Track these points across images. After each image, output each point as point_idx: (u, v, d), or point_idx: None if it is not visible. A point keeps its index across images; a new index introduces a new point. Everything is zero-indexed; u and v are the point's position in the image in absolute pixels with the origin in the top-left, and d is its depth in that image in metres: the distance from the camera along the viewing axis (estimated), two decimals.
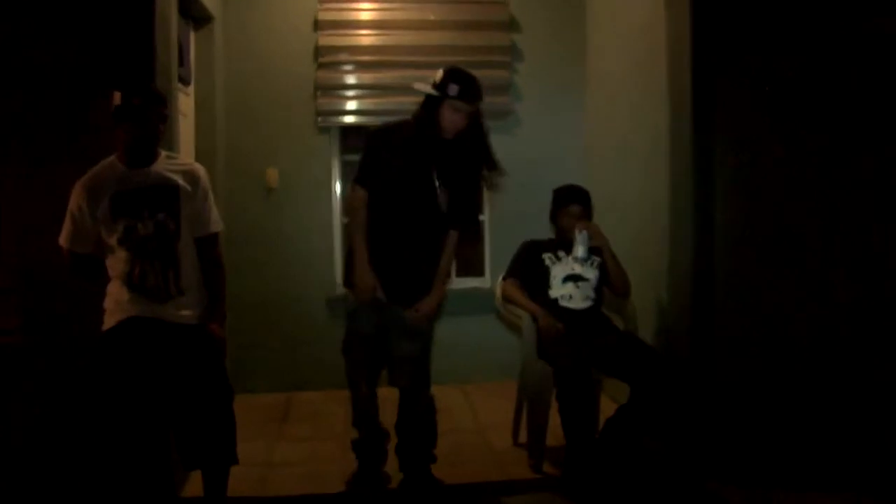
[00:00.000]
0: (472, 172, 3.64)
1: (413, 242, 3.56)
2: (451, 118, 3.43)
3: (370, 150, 3.59)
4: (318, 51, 5.39)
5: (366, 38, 5.39)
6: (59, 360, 3.52)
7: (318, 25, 5.39)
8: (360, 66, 5.39)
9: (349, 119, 5.50)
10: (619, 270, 4.08)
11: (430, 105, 3.45)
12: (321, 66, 5.38)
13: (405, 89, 5.32)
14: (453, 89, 3.39)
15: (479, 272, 5.80)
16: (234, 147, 5.36)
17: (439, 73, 3.47)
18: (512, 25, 5.58)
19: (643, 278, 4.33)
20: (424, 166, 3.51)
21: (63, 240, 3.19)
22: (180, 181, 3.19)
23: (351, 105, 5.47)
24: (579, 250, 3.96)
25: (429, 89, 3.45)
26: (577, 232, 3.97)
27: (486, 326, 5.43)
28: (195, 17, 4.89)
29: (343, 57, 5.37)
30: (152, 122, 3.10)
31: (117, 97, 3.07)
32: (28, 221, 3.50)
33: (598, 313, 4.09)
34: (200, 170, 3.31)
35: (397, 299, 3.58)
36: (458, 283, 5.66)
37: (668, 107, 4.08)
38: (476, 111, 3.49)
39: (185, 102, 4.77)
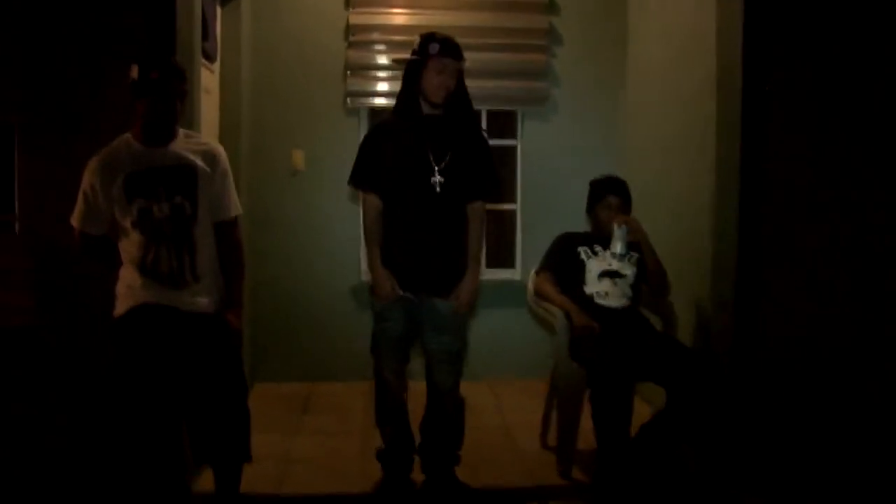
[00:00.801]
0: (473, 137, 3.47)
1: (427, 227, 3.38)
2: (438, 79, 3.29)
3: (365, 149, 3.46)
4: (350, 29, 5.20)
5: (399, 16, 5.20)
6: (72, 343, 3.41)
7: (349, 3, 5.21)
8: (393, 46, 5.17)
9: (379, 101, 5.30)
10: (658, 267, 3.86)
11: (411, 75, 3.35)
12: (352, 44, 5.20)
13: None
14: (434, 48, 3.28)
15: (510, 264, 5.60)
16: (259, 127, 5.22)
17: (416, 41, 3.37)
18: (550, 7, 5.37)
19: (683, 276, 4.11)
20: (417, 143, 3.36)
21: (75, 220, 3.06)
22: (199, 162, 3.04)
23: (382, 86, 5.28)
24: (617, 246, 3.75)
25: (409, 59, 3.37)
26: (615, 226, 3.75)
27: (517, 321, 5.25)
28: None
29: (375, 36, 5.19)
30: (170, 98, 2.95)
31: (135, 70, 2.91)
32: (44, 199, 3.38)
33: (635, 313, 3.87)
34: (220, 151, 3.16)
35: (429, 290, 3.40)
36: (488, 275, 5.46)
37: (716, 96, 3.84)
38: (461, 73, 3.37)
39: (210, 79, 4.59)
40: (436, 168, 3.34)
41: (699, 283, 4.04)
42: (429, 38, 3.34)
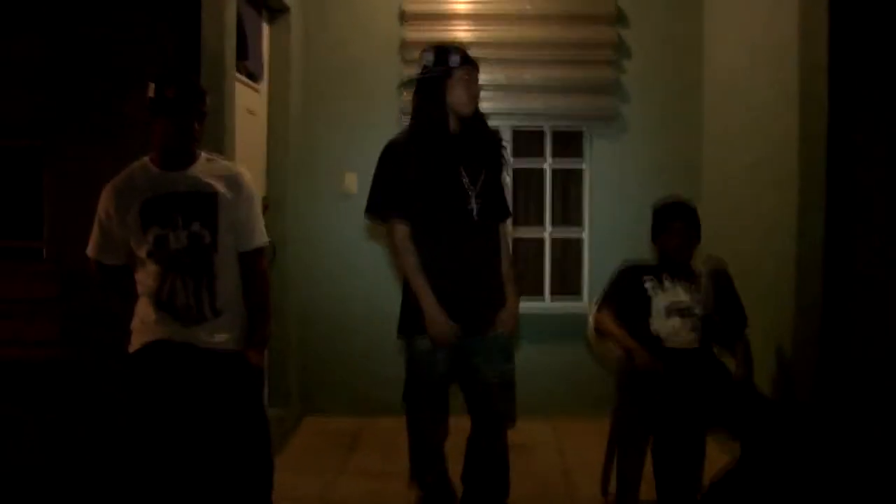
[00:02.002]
0: (498, 154, 3.22)
1: (469, 257, 3.08)
2: (466, 91, 3.05)
3: (388, 173, 3.12)
4: (404, 45, 4.94)
5: (456, 32, 4.93)
6: (98, 378, 3.23)
7: (404, 18, 4.98)
8: None
9: None
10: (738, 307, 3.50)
11: (431, 91, 3.06)
12: (407, 62, 4.94)
13: (499, 88, 4.91)
14: (455, 59, 3.04)
15: (576, 294, 5.22)
16: (309, 148, 5.03)
17: (428, 55, 3.09)
18: (619, 18, 5.02)
19: (762, 312, 3.69)
20: (450, 166, 3.07)
21: (90, 249, 2.89)
22: (220, 187, 2.83)
23: None
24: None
25: (427, 73, 3.09)
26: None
27: (582, 354, 4.85)
28: (269, 7, 4.53)
29: None
30: (188, 119, 2.73)
31: (151, 88, 2.72)
32: (68, 227, 3.22)
33: (706, 354, 3.47)
34: (245, 175, 2.93)
35: (478, 323, 3.10)
36: (552, 306, 5.14)
37: (799, 110, 3.44)
38: (478, 79, 3.14)
39: (255, 99, 4.42)
40: (472, 192, 3.07)
41: (780, 319, 3.61)
42: (444, 50, 3.10)
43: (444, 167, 3.06)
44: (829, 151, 3.20)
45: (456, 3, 4.97)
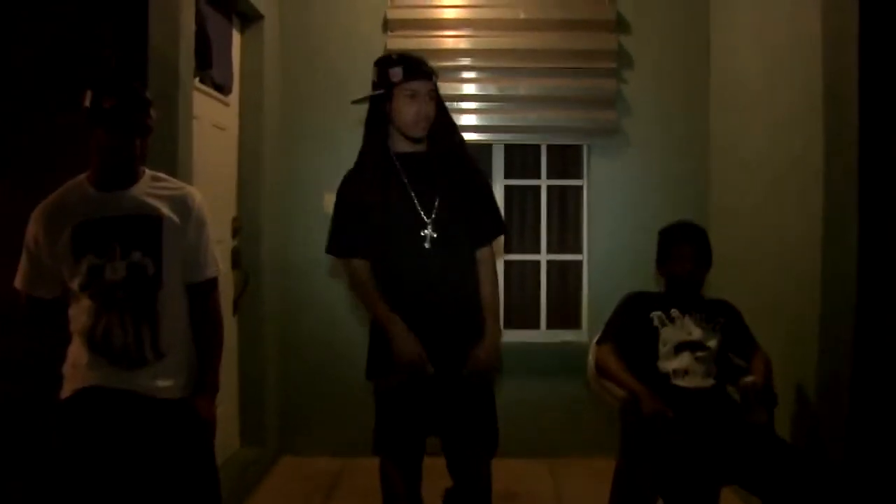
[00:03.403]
0: (464, 171, 2.87)
1: (426, 290, 2.76)
2: (411, 108, 2.73)
3: (342, 209, 2.86)
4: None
5: (443, 40, 4.56)
6: (21, 429, 2.83)
7: (388, 26, 4.61)
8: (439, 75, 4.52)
9: None
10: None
11: (375, 113, 2.82)
12: None
13: (491, 100, 4.56)
14: (396, 73, 2.72)
15: (574, 324, 4.84)
16: (286, 166, 4.67)
17: (374, 70, 2.82)
18: (619, 25, 4.64)
19: (782, 350, 3.31)
20: (398, 193, 2.77)
21: (18, 280, 2.55)
22: (165, 210, 2.49)
23: None
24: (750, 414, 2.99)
25: (368, 93, 2.84)
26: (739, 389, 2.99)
27: (581, 389, 4.45)
28: (241, 14, 4.18)
29: None
30: (128, 133, 2.37)
31: (87, 97, 2.38)
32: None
33: (721, 395, 3.09)
34: (195, 196, 2.58)
35: (446, 362, 2.77)
36: (549, 337, 4.77)
37: (823, 119, 3.09)
38: (437, 93, 2.80)
39: (224, 114, 4.06)
40: (425, 218, 2.75)
41: (804, 358, 3.23)
42: (386, 62, 2.79)
43: (391, 197, 2.76)
44: (861, 164, 2.84)
45: (443, 9, 4.59)
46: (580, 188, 4.82)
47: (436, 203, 2.76)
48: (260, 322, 4.37)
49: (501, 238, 3.17)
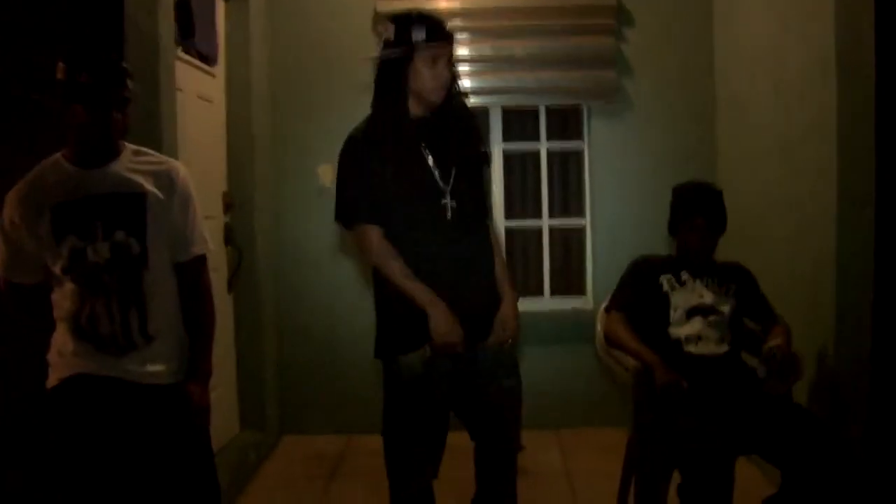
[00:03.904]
0: (474, 136, 2.73)
1: (452, 263, 2.58)
2: (434, 72, 2.54)
3: (351, 173, 2.62)
4: (379, 19, 4.41)
5: (435, 0, 4.39)
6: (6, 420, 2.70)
7: None
8: None
9: None
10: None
11: (391, 73, 2.57)
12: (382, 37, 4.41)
13: (486, 62, 4.41)
14: (420, 34, 2.50)
15: (579, 290, 4.72)
16: (278, 138, 4.53)
17: (389, 28, 2.59)
18: None
19: (799, 321, 3.19)
20: (416, 160, 2.58)
21: None
22: (149, 186, 2.36)
23: None
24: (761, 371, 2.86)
25: (384, 53, 2.59)
26: (761, 359, 2.86)
27: (589, 358, 4.36)
28: None
29: None
30: (105, 106, 2.23)
31: (60, 70, 2.23)
32: None
33: (735, 361, 2.98)
34: (179, 169, 2.46)
35: (473, 336, 2.60)
36: (553, 304, 4.64)
37: (838, 81, 2.93)
38: (452, 56, 2.62)
39: (210, 85, 3.93)
40: (445, 188, 2.59)
41: (822, 323, 3.12)
42: (406, 20, 2.56)
43: (409, 164, 2.57)
44: (878, 129, 2.69)
45: None
46: (581, 151, 4.68)
47: (453, 172, 2.60)
48: (255, 300, 4.26)
49: None
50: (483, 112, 4.58)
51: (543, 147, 4.68)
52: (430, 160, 2.59)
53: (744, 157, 4.14)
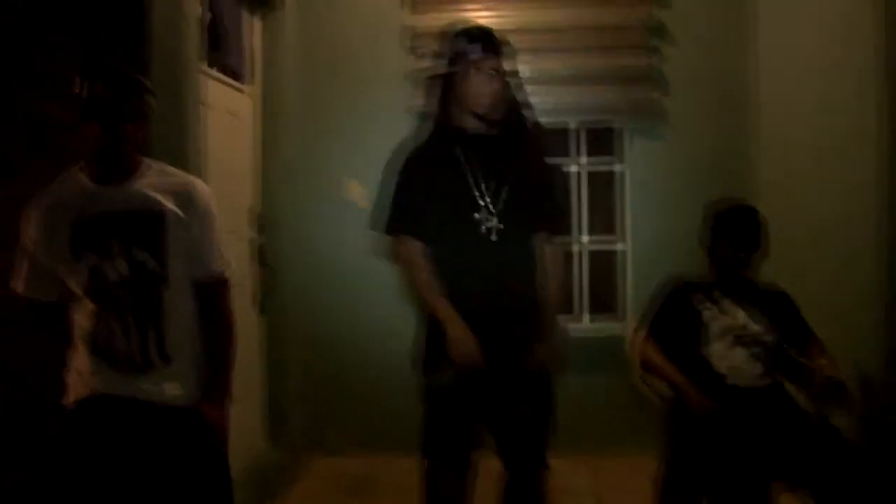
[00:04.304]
0: (535, 157, 2.68)
1: (488, 285, 2.57)
2: (485, 87, 2.54)
3: (401, 186, 2.66)
4: (411, 36, 4.41)
5: (469, 18, 4.30)
6: (25, 440, 2.67)
7: (410, 5, 4.44)
8: None
9: None
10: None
11: (443, 88, 2.60)
12: (414, 54, 4.39)
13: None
14: (471, 48, 2.53)
15: (616, 314, 4.60)
16: (308, 155, 4.51)
17: (440, 43, 2.65)
18: None
19: (841, 338, 3.05)
20: (460, 177, 2.57)
21: (16, 283, 2.36)
22: (168, 203, 2.31)
23: None
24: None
25: (435, 68, 2.65)
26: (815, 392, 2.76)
27: (623, 383, 4.25)
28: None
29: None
30: (120, 121, 2.18)
31: (77, 83, 2.19)
32: None
33: (778, 392, 2.85)
34: (200, 187, 2.40)
35: (502, 362, 2.59)
36: (589, 327, 4.52)
37: (887, 95, 2.81)
38: (506, 71, 2.60)
39: (240, 101, 3.91)
40: (489, 207, 2.55)
41: (864, 347, 2.98)
42: (460, 35, 2.61)
43: (454, 181, 2.57)
44: None
45: None
46: (618, 171, 4.59)
47: (503, 191, 2.56)
48: (285, 319, 4.23)
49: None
50: None
51: (580, 166, 4.58)
52: (478, 178, 2.56)
53: (785, 177, 4.05)
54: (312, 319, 4.51)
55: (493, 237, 2.54)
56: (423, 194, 2.57)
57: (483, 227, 2.53)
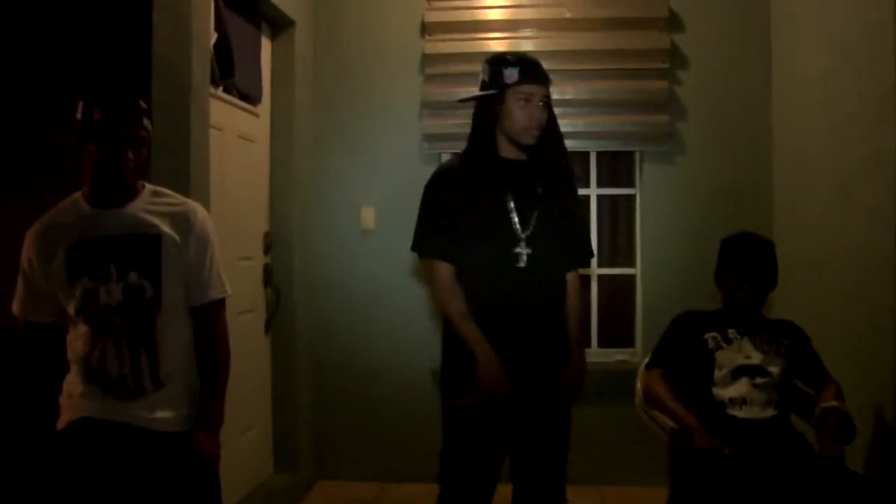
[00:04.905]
0: (567, 187, 2.67)
1: (517, 312, 2.55)
2: (524, 113, 2.52)
3: (432, 205, 2.64)
4: (426, 61, 4.37)
5: (484, 42, 4.30)
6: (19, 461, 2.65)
7: (426, 29, 4.39)
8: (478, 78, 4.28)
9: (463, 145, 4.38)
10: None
11: (485, 113, 2.59)
12: (428, 78, 4.36)
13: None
14: (511, 75, 2.51)
15: (628, 343, 4.53)
16: (320, 179, 4.48)
17: (484, 68, 2.61)
18: (672, 23, 4.33)
19: (852, 376, 2.97)
20: (496, 202, 2.56)
21: (16, 306, 2.38)
22: (164, 227, 2.31)
23: (467, 127, 4.37)
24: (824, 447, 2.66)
25: (478, 93, 2.61)
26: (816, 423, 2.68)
27: (635, 412, 4.17)
28: (271, 20, 4.01)
29: (456, 68, 4.26)
30: (118, 146, 2.18)
31: (79, 109, 2.20)
32: None
33: (784, 426, 2.77)
34: (198, 211, 2.39)
35: (525, 389, 2.56)
36: (601, 356, 4.47)
37: None
38: (549, 99, 2.58)
39: (254, 125, 3.90)
40: (521, 234, 2.55)
41: (879, 378, 2.90)
42: (500, 61, 2.57)
43: (488, 206, 2.56)
44: None
45: (484, 10, 4.36)
46: (632, 197, 4.52)
47: (534, 218, 2.56)
48: (293, 342, 4.19)
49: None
50: None
51: (594, 193, 4.52)
52: (512, 204, 2.55)
53: (801, 199, 3.92)
54: (321, 342, 4.47)
55: (522, 263, 2.53)
56: (457, 217, 2.57)
57: (513, 252, 2.53)
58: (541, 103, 2.53)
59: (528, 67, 2.54)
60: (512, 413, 2.56)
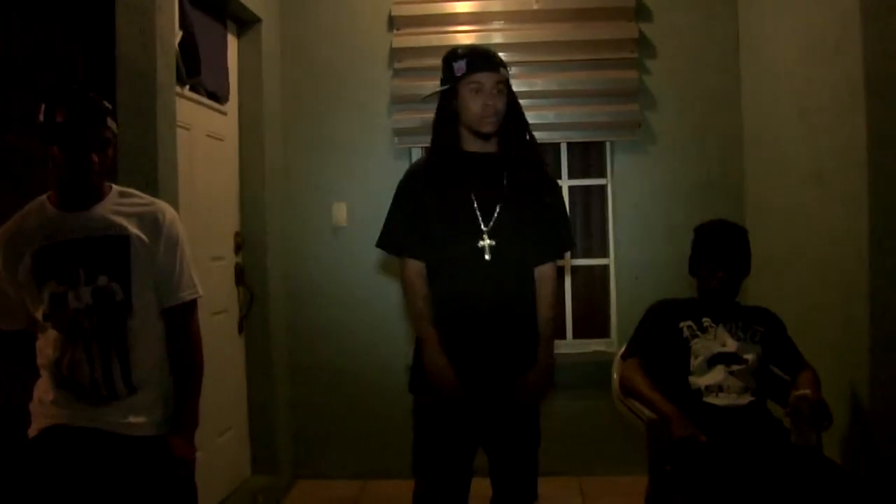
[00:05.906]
0: (534, 177, 2.63)
1: (479, 304, 2.55)
2: (477, 101, 2.53)
3: (401, 202, 2.67)
4: (394, 54, 4.34)
5: (452, 36, 4.28)
6: None
7: (393, 23, 4.35)
8: None
9: None
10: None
11: (444, 109, 2.62)
12: (397, 73, 4.34)
13: None
14: (460, 67, 2.54)
15: (603, 333, 4.54)
16: (290, 176, 4.44)
17: (442, 66, 2.64)
18: (639, 12, 4.33)
19: (830, 360, 3.00)
20: (460, 195, 2.57)
21: None
22: (133, 228, 2.28)
23: None
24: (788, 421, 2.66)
25: (435, 89, 2.67)
26: (789, 411, 2.65)
27: (612, 403, 4.18)
28: (236, 18, 3.96)
29: (425, 61, 4.20)
30: (82, 148, 2.14)
31: (41, 110, 2.16)
32: None
33: (760, 412, 2.79)
34: (167, 211, 2.36)
35: (491, 384, 2.58)
36: (576, 347, 4.46)
37: (866, 106, 2.76)
38: (507, 86, 2.60)
39: (221, 122, 3.86)
40: (483, 227, 2.55)
41: (855, 361, 2.92)
42: (450, 56, 2.62)
43: (451, 201, 2.57)
44: None
45: (451, 2, 4.32)
46: (604, 187, 4.53)
47: (496, 211, 2.56)
48: (267, 341, 4.15)
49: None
50: None
51: (565, 183, 4.52)
52: (475, 197, 2.56)
53: (772, 188, 3.93)
54: (295, 341, 4.44)
55: (488, 256, 2.53)
56: (424, 214, 2.58)
57: (477, 246, 2.53)
58: (495, 91, 2.53)
59: (475, 57, 2.55)
60: (478, 407, 2.57)
